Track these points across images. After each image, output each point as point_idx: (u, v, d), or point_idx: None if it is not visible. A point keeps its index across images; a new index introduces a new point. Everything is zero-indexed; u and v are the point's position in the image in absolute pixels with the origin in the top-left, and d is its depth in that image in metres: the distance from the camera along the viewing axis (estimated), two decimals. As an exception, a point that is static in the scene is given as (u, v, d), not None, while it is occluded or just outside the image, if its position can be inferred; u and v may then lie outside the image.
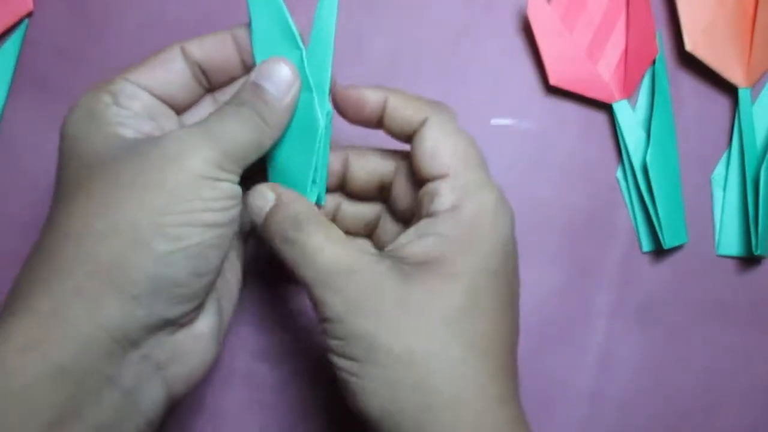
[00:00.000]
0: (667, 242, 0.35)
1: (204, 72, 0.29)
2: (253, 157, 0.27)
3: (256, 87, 0.27)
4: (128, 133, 0.26)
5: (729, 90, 0.37)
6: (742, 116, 0.36)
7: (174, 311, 0.25)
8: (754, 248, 0.35)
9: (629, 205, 0.36)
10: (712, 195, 0.37)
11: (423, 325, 0.24)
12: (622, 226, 0.36)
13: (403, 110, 0.28)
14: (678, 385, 0.35)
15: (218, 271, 0.26)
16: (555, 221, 0.36)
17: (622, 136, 0.36)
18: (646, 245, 0.36)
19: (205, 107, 0.30)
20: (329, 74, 0.28)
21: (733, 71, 0.36)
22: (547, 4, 0.37)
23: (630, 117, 0.36)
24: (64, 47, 0.38)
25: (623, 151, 0.36)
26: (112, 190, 0.24)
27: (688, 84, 0.37)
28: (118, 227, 0.24)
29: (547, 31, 0.36)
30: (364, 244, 0.32)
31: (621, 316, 0.36)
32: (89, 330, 0.23)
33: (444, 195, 0.26)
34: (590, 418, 0.35)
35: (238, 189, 0.26)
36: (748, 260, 0.36)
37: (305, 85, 0.28)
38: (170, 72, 0.28)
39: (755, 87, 0.37)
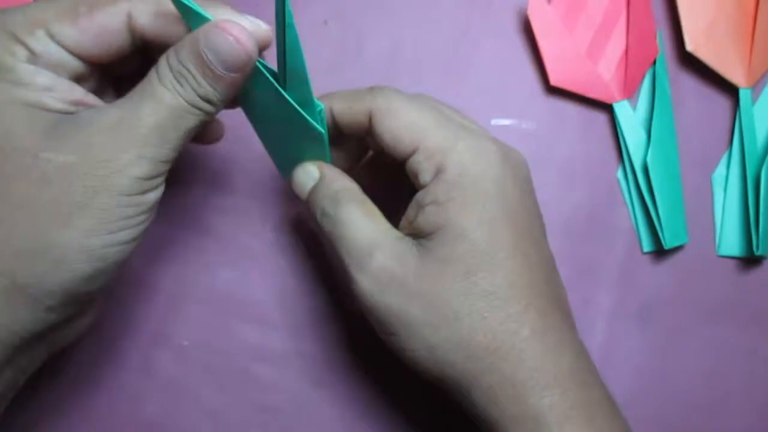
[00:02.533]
0: (668, 242, 0.35)
1: (146, 41, 0.25)
2: (185, 141, 0.25)
3: (200, 58, 0.24)
4: (50, 102, 0.23)
5: (730, 90, 0.37)
6: (742, 116, 0.36)
7: (81, 308, 0.26)
8: (754, 248, 0.35)
9: (630, 205, 0.36)
10: (712, 195, 0.37)
11: (447, 290, 0.25)
12: (623, 226, 0.36)
13: (349, 114, 0.28)
14: (678, 385, 0.35)
15: None
16: (555, 221, 0.36)
17: (623, 136, 0.36)
18: (647, 245, 0.36)
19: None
20: (310, 89, 0.28)
21: (733, 71, 0.36)
22: (547, 4, 0.37)
23: (630, 117, 0.36)
24: (64, 47, 0.37)
25: (624, 151, 0.36)
26: (35, 208, 0.23)
27: (689, 84, 0.37)
28: (42, 249, 0.23)
29: (547, 31, 0.36)
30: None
31: (621, 316, 0.36)
32: (2, 335, 0.23)
33: (423, 167, 0.27)
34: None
35: (160, 192, 0.25)
36: (749, 260, 0.36)
37: (291, 108, 0.27)
38: (107, 41, 0.24)
39: (756, 87, 0.37)
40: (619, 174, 0.37)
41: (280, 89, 0.27)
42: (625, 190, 0.37)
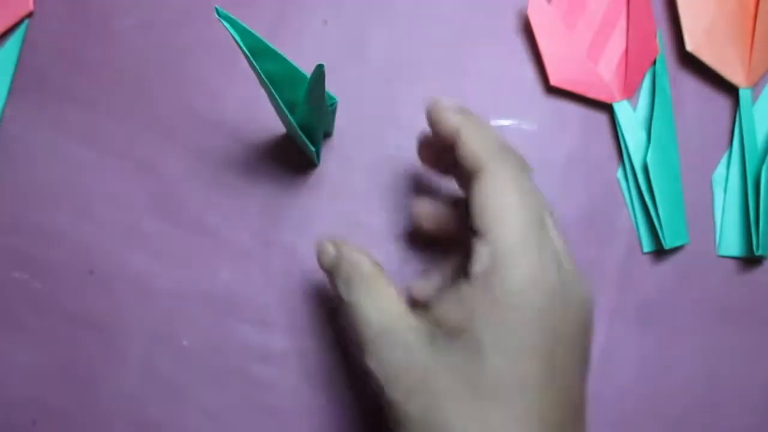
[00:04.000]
0: (668, 242, 0.35)
1: None
2: None
3: None
4: None
5: (730, 90, 0.37)
6: (742, 117, 0.36)
7: None
8: (754, 249, 0.35)
9: (630, 206, 0.36)
10: (712, 195, 0.37)
11: (448, 406, 0.23)
12: (623, 226, 0.36)
13: (471, 146, 0.27)
14: (678, 385, 0.35)
15: None
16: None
17: (623, 137, 0.36)
18: (647, 245, 0.36)
19: None
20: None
21: (733, 71, 0.36)
22: (547, 4, 0.37)
23: (630, 117, 0.36)
24: (64, 47, 0.38)
25: (624, 152, 0.36)
26: None
27: (689, 84, 0.37)
28: None
29: (547, 31, 0.36)
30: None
31: (621, 316, 0.36)
32: None
33: (478, 257, 0.24)
34: (590, 418, 0.35)
35: None
36: (749, 261, 0.36)
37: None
38: None
39: (756, 87, 0.37)
40: (619, 174, 0.37)
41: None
42: (625, 190, 0.37)
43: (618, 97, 0.37)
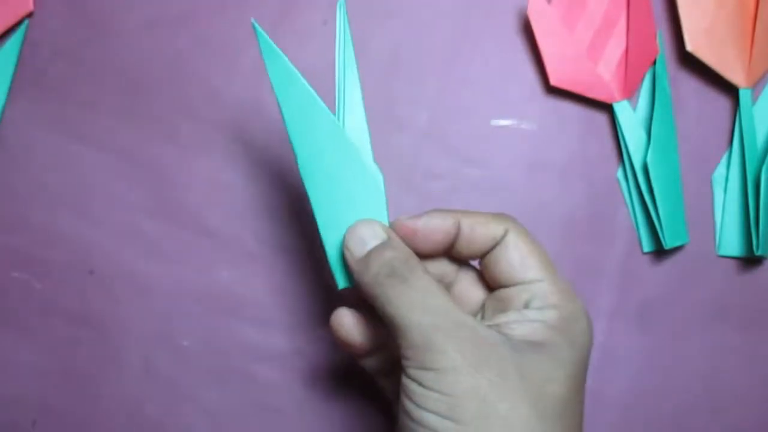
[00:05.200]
0: (668, 242, 0.35)
1: None
2: None
3: None
4: None
5: (729, 90, 0.37)
6: (742, 117, 0.36)
7: None
8: (754, 248, 0.35)
9: (630, 206, 0.36)
10: (712, 195, 0.37)
11: (539, 401, 0.24)
12: (623, 226, 0.36)
13: (483, 228, 0.27)
14: (678, 385, 0.35)
15: None
16: (555, 221, 0.36)
17: (623, 137, 0.36)
18: (647, 245, 0.36)
19: None
20: (366, 129, 0.28)
21: (733, 72, 0.36)
22: (547, 4, 0.37)
23: (630, 117, 0.36)
24: (64, 47, 0.38)
25: (624, 152, 0.36)
26: None
27: (689, 84, 0.37)
28: None
29: (547, 31, 0.36)
30: None
31: (621, 316, 0.36)
32: None
33: (544, 296, 0.26)
34: (590, 418, 0.35)
35: None
36: (749, 260, 0.36)
37: (349, 146, 0.28)
38: None
39: (756, 87, 0.37)
40: (619, 174, 0.37)
41: (340, 126, 0.27)
42: (625, 190, 0.37)
43: (618, 97, 0.37)
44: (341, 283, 0.28)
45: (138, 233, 0.36)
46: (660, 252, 0.36)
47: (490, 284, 0.28)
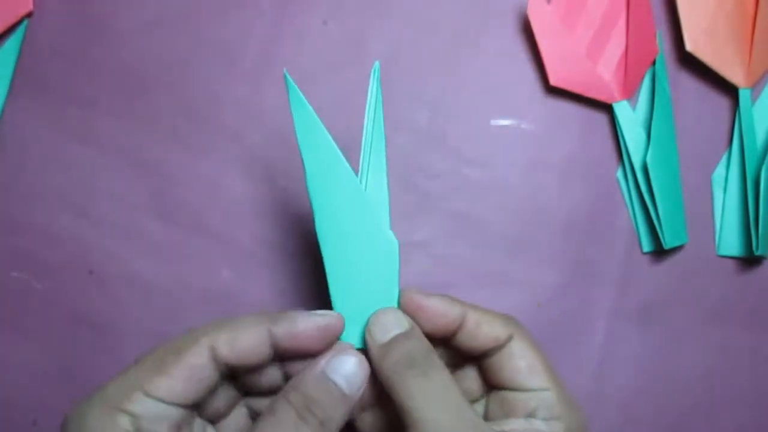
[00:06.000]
0: (668, 242, 0.35)
1: (230, 368, 0.26)
2: None
3: (325, 384, 0.25)
4: None
5: (729, 90, 0.37)
6: (742, 117, 0.36)
7: None
8: (754, 248, 0.35)
9: (629, 206, 0.36)
10: (712, 195, 0.37)
11: None
12: (623, 226, 0.36)
13: (489, 327, 0.28)
14: (678, 385, 0.35)
15: None
16: (555, 221, 0.36)
17: (623, 137, 0.36)
18: (647, 245, 0.36)
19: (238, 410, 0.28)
20: (387, 195, 0.28)
21: (733, 71, 0.36)
22: (547, 4, 0.37)
23: (630, 117, 0.36)
24: (64, 47, 0.38)
25: (623, 152, 0.36)
26: None
27: (689, 84, 0.37)
28: None
29: (547, 31, 0.36)
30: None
31: (621, 316, 0.36)
32: None
33: (551, 407, 0.27)
34: (590, 418, 0.35)
35: None
36: (749, 261, 0.36)
37: (368, 210, 0.28)
38: (196, 379, 0.24)
39: (755, 87, 0.37)
40: (619, 174, 0.37)
41: (358, 184, 0.28)
42: (625, 191, 0.37)
43: (618, 97, 0.37)
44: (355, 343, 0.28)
45: (138, 233, 0.36)
46: (660, 252, 0.36)
47: (491, 383, 0.28)
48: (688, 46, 0.36)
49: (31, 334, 0.35)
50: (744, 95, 0.36)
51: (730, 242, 0.36)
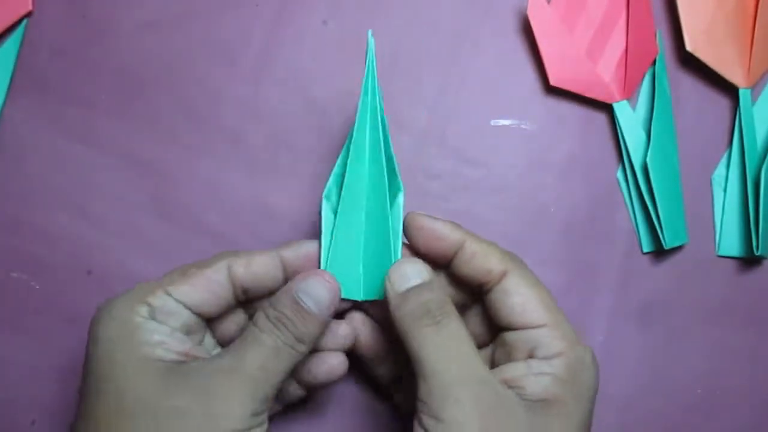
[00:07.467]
0: (668, 243, 0.35)
1: (245, 290, 0.29)
2: (284, 379, 0.27)
3: (295, 303, 0.27)
4: (164, 354, 0.26)
5: (729, 90, 0.37)
6: (742, 117, 0.36)
7: None
8: (754, 249, 0.35)
9: (629, 206, 0.36)
10: (712, 195, 0.37)
11: None
12: (623, 226, 0.36)
13: (483, 259, 0.28)
14: (678, 385, 0.35)
15: None
16: (555, 221, 0.36)
17: (623, 137, 0.36)
18: (647, 246, 0.36)
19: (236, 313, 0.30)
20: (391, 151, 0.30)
21: (733, 72, 0.36)
22: (547, 4, 0.37)
23: (630, 117, 0.36)
24: (64, 47, 0.37)
25: (623, 152, 0.36)
26: None
27: (689, 84, 0.37)
28: None
29: (547, 31, 0.36)
30: None
31: (621, 316, 0.36)
32: None
33: (550, 343, 0.27)
34: (590, 419, 0.35)
35: (265, 428, 0.26)
36: (749, 261, 0.36)
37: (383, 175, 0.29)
38: (213, 292, 0.28)
39: (756, 87, 0.37)
40: (619, 174, 0.37)
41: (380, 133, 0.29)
42: (625, 191, 0.37)
43: (618, 97, 0.37)
44: (360, 295, 0.30)
45: (137, 233, 0.36)
46: (660, 252, 0.36)
47: (494, 325, 0.29)
48: (688, 46, 0.36)
49: (30, 334, 0.35)
50: (744, 95, 0.36)
51: (730, 242, 0.36)
